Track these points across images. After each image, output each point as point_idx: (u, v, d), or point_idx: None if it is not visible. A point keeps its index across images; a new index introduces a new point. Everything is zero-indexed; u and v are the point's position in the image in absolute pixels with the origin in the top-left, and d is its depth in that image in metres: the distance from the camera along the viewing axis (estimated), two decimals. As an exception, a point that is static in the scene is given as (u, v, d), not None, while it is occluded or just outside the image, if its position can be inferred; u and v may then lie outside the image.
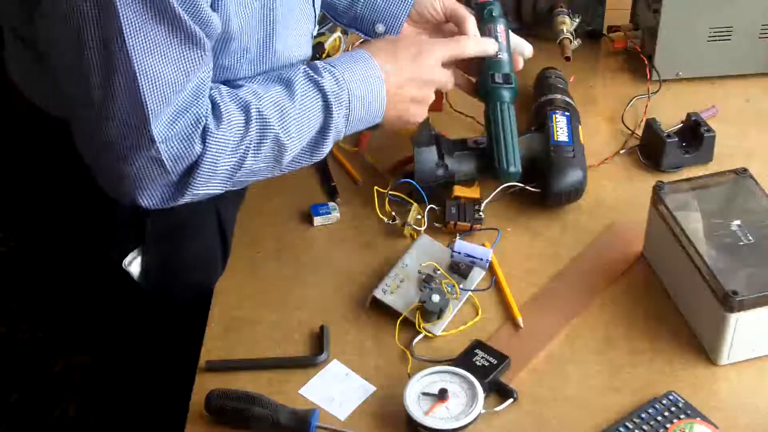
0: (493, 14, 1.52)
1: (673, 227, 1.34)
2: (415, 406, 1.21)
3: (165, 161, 1.19)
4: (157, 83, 1.15)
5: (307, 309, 1.38)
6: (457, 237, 1.43)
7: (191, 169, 1.22)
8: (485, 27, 1.51)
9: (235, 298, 1.40)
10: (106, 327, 1.59)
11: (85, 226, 1.40)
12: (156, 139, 1.17)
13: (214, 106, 1.23)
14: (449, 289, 1.37)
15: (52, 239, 1.49)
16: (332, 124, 1.31)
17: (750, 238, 1.32)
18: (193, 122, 1.20)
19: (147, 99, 1.15)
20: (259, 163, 1.27)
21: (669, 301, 1.37)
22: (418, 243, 1.44)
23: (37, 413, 2.33)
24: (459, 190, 1.50)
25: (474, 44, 1.46)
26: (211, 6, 1.18)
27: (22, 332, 2.49)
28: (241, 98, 1.26)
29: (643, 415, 1.23)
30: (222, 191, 1.28)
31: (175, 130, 1.19)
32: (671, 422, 1.21)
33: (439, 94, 1.69)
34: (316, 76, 1.30)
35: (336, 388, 1.28)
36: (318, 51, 1.65)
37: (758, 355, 1.30)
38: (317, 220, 1.50)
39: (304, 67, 1.32)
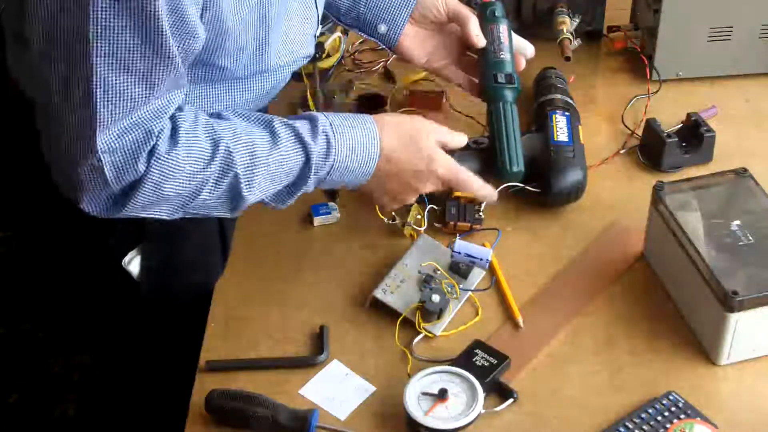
0: (496, 14, 1.52)
1: (673, 227, 1.34)
2: (415, 406, 1.21)
3: (106, 172, 1.17)
4: (112, 93, 1.13)
5: (307, 309, 1.38)
6: (457, 237, 1.43)
7: (133, 187, 1.19)
8: (488, 27, 1.51)
9: (235, 298, 1.40)
10: (106, 327, 1.59)
11: (85, 226, 1.40)
12: (99, 148, 1.15)
13: (175, 130, 1.20)
14: (449, 289, 1.37)
15: (53, 239, 1.49)
16: (302, 187, 1.30)
17: (750, 238, 1.32)
18: (142, 139, 1.17)
19: (98, 107, 1.13)
20: (214, 201, 1.26)
21: (669, 301, 1.37)
22: (418, 243, 1.44)
23: (37, 413, 2.33)
24: (459, 190, 1.50)
25: (478, 189, 1.41)
26: (203, 7, 1.17)
27: (22, 332, 2.49)
28: (215, 131, 1.23)
29: (643, 415, 1.23)
30: (174, 218, 1.26)
31: (121, 143, 1.16)
32: (671, 422, 1.21)
33: (439, 95, 1.69)
34: (305, 137, 1.28)
35: (336, 388, 1.28)
36: (318, 51, 1.65)
37: (758, 355, 1.30)
38: (317, 220, 1.50)
39: (303, 121, 1.30)
